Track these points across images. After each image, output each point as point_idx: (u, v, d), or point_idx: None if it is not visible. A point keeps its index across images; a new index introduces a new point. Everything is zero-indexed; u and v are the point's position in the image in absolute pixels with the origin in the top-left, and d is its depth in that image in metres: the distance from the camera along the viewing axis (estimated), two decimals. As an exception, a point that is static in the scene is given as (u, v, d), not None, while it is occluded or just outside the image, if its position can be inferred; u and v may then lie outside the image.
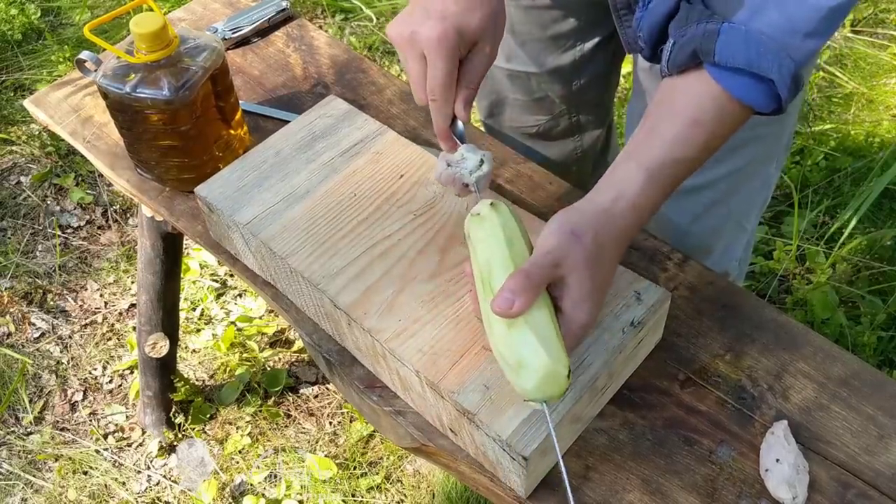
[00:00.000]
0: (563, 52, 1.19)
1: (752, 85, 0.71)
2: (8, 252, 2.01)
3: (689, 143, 0.74)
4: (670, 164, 0.74)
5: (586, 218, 0.74)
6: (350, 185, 0.96)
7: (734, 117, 0.74)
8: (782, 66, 0.70)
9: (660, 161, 0.74)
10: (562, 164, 1.37)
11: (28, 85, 2.37)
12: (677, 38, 0.73)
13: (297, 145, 1.01)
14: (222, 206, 0.95)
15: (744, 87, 0.72)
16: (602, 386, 0.82)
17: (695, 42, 0.71)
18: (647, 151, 0.74)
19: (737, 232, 1.21)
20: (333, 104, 1.06)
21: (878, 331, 1.67)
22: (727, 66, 0.71)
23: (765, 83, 0.71)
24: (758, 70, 0.70)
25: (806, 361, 0.88)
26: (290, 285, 0.93)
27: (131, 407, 1.75)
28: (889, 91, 2.23)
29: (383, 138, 1.01)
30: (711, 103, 0.73)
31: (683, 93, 0.74)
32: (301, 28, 1.33)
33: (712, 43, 0.70)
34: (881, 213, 1.93)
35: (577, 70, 1.22)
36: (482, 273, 0.75)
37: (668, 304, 0.86)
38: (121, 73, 0.99)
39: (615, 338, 0.81)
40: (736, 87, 0.72)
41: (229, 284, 1.93)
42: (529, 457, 0.74)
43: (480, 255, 0.76)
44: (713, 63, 0.71)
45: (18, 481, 1.64)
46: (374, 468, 1.62)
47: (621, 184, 0.75)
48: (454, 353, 0.81)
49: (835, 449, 0.82)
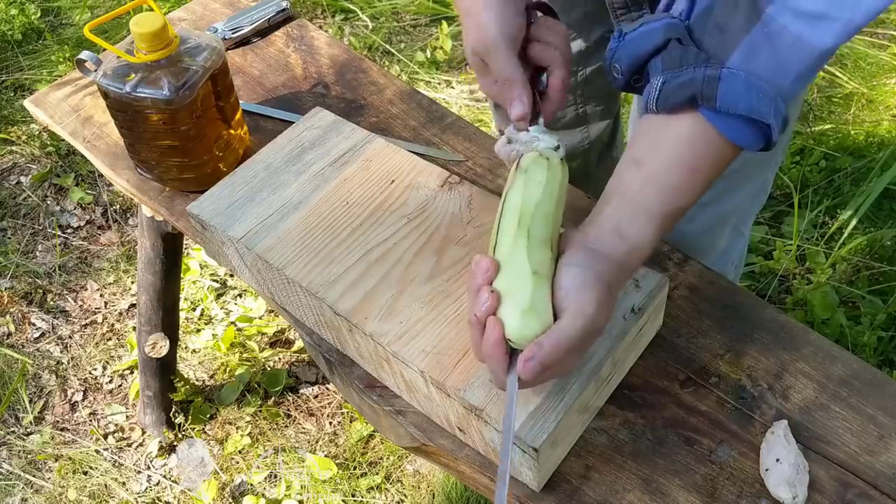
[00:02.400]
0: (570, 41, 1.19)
1: (747, 128, 0.72)
2: (8, 252, 2.01)
3: (691, 191, 0.76)
4: (675, 213, 0.76)
5: (613, 270, 0.74)
6: (342, 194, 0.96)
7: (727, 159, 0.76)
8: (777, 109, 0.71)
9: (668, 211, 0.75)
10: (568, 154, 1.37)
11: (28, 85, 2.37)
12: (669, 79, 0.73)
13: (287, 158, 1.01)
14: (215, 223, 0.95)
15: (739, 130, 0.72)
16: (607, 375, 0.82)
17: (694, 87, 0.71)
18: (652, 203, 0.75)
19: (735, 237, 1.22)
20: (320, 115, 1.06)
21: (878, 331, 1.67)
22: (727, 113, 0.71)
23: (759, 127, 0.72)
24: (758, 116, 0.70)
25: (806, 361, 0.88)
26: (289, 296, 0.93)
27: (131, 407, 1.75)
28: (889, 91, 2.23)
29: (372, 146, 1.02)
30: (708, 148, 0.74)
31: (678, 137, 0.75)
32: (301, 28, 1.33)
33: (714, 89, 0.71)
34: (881, 213, 1.93)
35: (582, 60, 1.22)
36: (524, 208, 0.75)
37: (667, 290, 0.87)
38: (121, 72, 0.99)
39: (617, 325, 0.82)
40: (732, 131, 0.72)
41: (229, 284, 1.93)
42: (540, 448, 0.74)
43: (531, 192, 0.77)
44: (713, 109, 0.71)
45: (18, 481, 1.64)
46: (374, 468, 1.62)
47: (634, 237, 0.75)
48: (457, 350, 0.81)
49: (835, 449, 0.82)
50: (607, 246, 0.75)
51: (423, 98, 1.20)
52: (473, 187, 0.96)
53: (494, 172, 1.09)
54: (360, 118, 1.17)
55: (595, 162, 1.41)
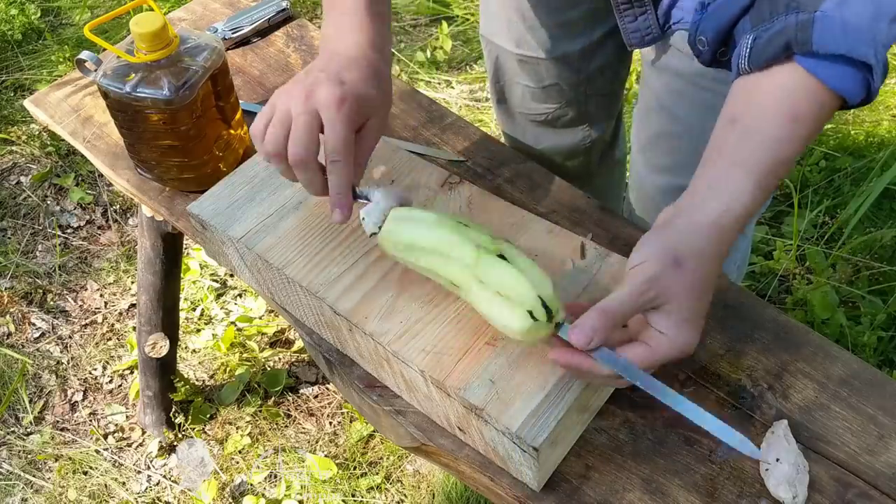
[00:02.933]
0: (572, 39, 1.19)
1: (847, 74, 0.68)
2: (8, 252, 2.01)
3: (792, 141, 0.71)
4: (776, 167, 0.71)
5: (689, 240, 0.70)
6: None
7: (828, 109, 0.71)
8: (877, 51, 0.68)
9: (766, 165, 0.71)
10: (570, 153, 1.37)
11: (28, 85, 2.37)
12: (760, 34, 0.70)
13: None
14: (215, 223, 0.95)
15: (840, 76, 0.69)
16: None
17: (787, 33, 0.68)
18: (750, 155, 0.71)
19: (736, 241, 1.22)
20: None
21: (878, 331, 1.67)
22: (824, 55, 0.68)
23: (860, 71, 0.68)
24: (858, 56, 0.67)
25: (806, 361, 0.88)
26: (289, 296, 0.93)
27: (131, 407, 1.75)
28: (889, 91, 2.23)
29: None
30: (808, 96, 0.70)
31: (774, 89, 0.71)
32: (301, 28, 1.33)
33: (808, 33, 0.67)
34: (881, 213, 1.93)
35: (585, 58, 1.22)
36: (437, 249, 0.78)
37: None
38: (121, 72, 0.99)
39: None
40: (833, 77, 0.69)
41: (229, 284, 1.93)
42: (540, 447, 0.74)
43: (420, 231, 0.79)
44: (809, 53, 0.68)
45: (18, 481, 1.64)
46: (374, 468, 1.62)
47: (728, 194, 0.70)
48: (457, 350, 0.81)
49: (835, 448, 0.82)
50: (685, 213, 0.71)
51: (423, 98, 1.20)
52: (473, 187, 0.96)
53: (494, 172, 1.09)
54: (360, 118, 1.17)
55: (596, 161, 1.41)
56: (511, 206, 0.94)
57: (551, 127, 1.33)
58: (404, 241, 0.80)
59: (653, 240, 0.72)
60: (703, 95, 1.03)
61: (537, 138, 1.35)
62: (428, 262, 0.80)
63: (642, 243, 0.72)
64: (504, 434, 0.76)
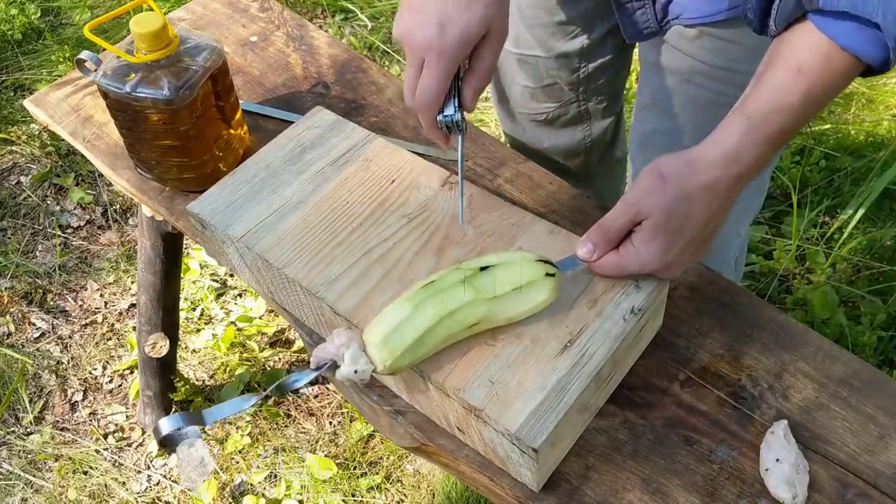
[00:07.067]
0: (571, 38, 1.19)
1: (857, 31, 0.69)
2: (8, 252, 2.01)
3: (791, 91, 0.72)
4: (771, 113, 0.73)
5: (677, 163, 0.76)
6: (342, 193, 0.96)
7: (840, 69, 0.72)
8: (887, 10, 0.67)
9: (760, 109, 0.73)
10: (570, 152, 1.37)
11: (28, 85, 2.37)
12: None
13: (287, 157, 1.01)
14: (215, 222, 0.95)
15: (849, 33, 0.69)
16: (607, 375, 0.82)
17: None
18: (749, 101, 0.75)
19: (731, 238, 1.22)
20: (320, 115, 1.06)
21: (878, 331, 1.67)
22: (831, 12, 0.68)
23: (871, 30, 0.68)
24: (861, 13, 0.67)
25: (806, 361, 0.88)
26: (289, 296, 0.93)
27: (131, 407, 1.75)
28: (889, 91, 2.23)
29: (372, 145, 1.02)
30: (815, 52, 0.71)
31: (788, 44, 0.73)
32: (301, 28, 1.33)
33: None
34: (881, 213, 1.93)
35: (584, 57, 1.22)
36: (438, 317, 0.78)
37: (667, 290, 0.87)
38: (121, 72, 0.99)
39: (617, 326, 0.82)
40: (841, 34, 0.69)
41: (229, 284, 1.93)
42: (539, 448, 0.74)
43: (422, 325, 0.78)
44: (817, 10, 0.69)
45: (18, 481, 1.64)
46: (374, 468, 1.62)
47: (720, 133, 0.75)
48: (457, 350, 0.81)
49: (835, 448, 0.82)
50: (690, 149, 0.77)
51: (423, 98, 1.20)
52: (473, 187, 0.96)
53: (494, 172, 1.09)
54: (361, 118, 1.17)
55: (596, 160, 1.41)
56: (511, 206, 0.94)
57: (551, 126, 1.33)
58: (408, 344, 0.76)
59: (657, 159, 0.78)
60: (699, 92, 1.03)
61: (538, 138, 1.35)
62: (441, 333, 0.78)
63: (652, 163, 0.78)
64: (503, 435, 0.76)
